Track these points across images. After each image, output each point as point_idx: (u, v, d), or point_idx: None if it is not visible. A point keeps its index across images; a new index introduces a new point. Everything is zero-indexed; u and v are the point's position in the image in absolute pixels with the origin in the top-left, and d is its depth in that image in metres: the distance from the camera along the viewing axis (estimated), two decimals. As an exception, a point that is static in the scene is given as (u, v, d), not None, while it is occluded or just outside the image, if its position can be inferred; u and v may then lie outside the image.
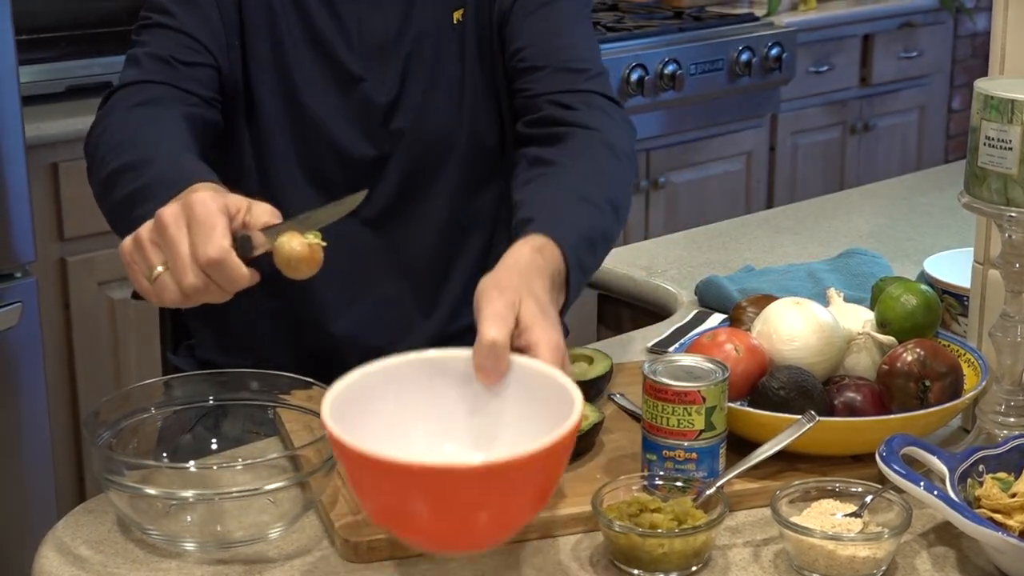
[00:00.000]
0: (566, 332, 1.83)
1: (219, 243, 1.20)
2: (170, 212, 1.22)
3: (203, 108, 1.60)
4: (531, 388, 1.19)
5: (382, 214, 1.69)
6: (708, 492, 1.27)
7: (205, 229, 1.20)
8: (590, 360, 1.54)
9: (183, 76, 1.59)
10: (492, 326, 1.21)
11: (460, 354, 1.23)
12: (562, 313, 1.48)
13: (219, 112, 1.64)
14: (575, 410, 1.12)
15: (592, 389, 1.50)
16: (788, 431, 1.32)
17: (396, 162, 1.68)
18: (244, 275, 1.22)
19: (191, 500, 1.27)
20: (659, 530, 1.22)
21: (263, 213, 1.26)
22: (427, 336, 1.68)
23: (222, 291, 1.23)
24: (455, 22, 1.68)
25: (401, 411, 1.21)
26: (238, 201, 1.25)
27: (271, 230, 1.24)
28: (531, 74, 1.66)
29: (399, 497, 1.08)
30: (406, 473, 1.06)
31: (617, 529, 1.22)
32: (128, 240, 1.25)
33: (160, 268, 1.22)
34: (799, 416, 1.34)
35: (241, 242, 1.23)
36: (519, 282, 1.28)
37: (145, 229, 1.24)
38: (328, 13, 1.65)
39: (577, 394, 1.15)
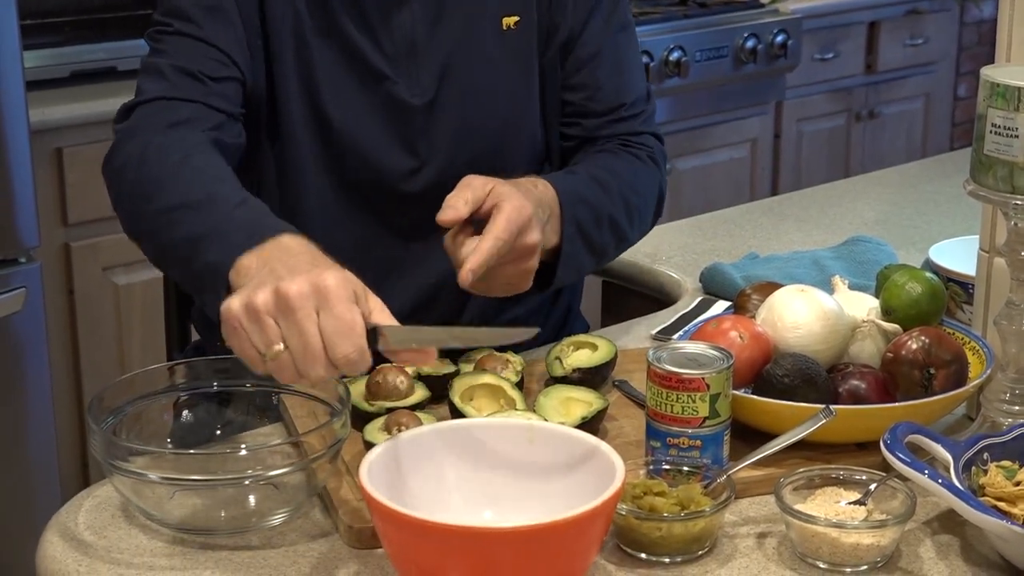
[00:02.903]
0: (584, 328, 1.82)
1: (359, 343, 1.16)
2: (297, 292, 1.16)
3: (230, 126, 1.53)
4: (575, 457, 1.22)
5: (415, 226, 1.61)
6: (719, 479, 1.27)
7: (344, 325, 1.15)
8: (594, 347, 1.54)
9: (212, 92, 1.52)
10: (458, 191, 1.39)
11: (505, 422, 1.28)
12: (554, 269, 1.53)
13: (243, 127, 1.56)
14: (616, 480, 1.14)
15: (596, 376, 1.50)
16: (806, 424, 1.32)
17: (432, 172, 1.60)
18: (369, 365, 1.19)
19: (194, 486, 1.27)
20: (656, 513, 1.22)
21: (375, 305, 1.21)
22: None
23: (340, 374, 1.19)
24: (504, 28, 1.62)
25: (441, 477, 1.23)
26: (357, 285, 1.20)
27: (403, 335, 1.21)
28: (596, 118, 1.69)
29: (439, 559, 1.10)
30: (448, 535, 1.08)
31: (617, 510, 1.22)
32: (238, 304, 1.18)
33: (280, 347, 1.17)
34: (803, 403, 1.34)
35: (371, 335, 1.19)
36: (502, 181, 1.43)
37: (262, 300, 1.17)
38: (351, 6, 1.57)
39: (620, 466, 1.17)
